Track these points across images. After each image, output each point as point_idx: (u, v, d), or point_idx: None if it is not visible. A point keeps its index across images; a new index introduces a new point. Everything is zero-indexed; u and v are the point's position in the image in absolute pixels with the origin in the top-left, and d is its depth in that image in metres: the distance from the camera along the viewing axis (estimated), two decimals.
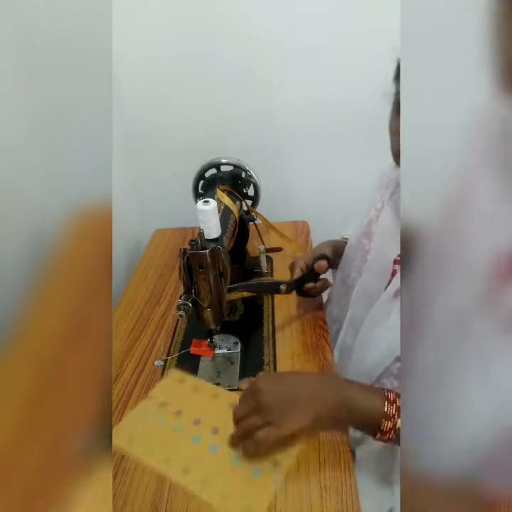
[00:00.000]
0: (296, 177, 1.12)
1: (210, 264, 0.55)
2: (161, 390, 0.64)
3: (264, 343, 0.72)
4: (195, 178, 0.85)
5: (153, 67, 0.94)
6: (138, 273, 0.95)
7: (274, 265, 0.93)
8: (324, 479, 0.51)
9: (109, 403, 0.44)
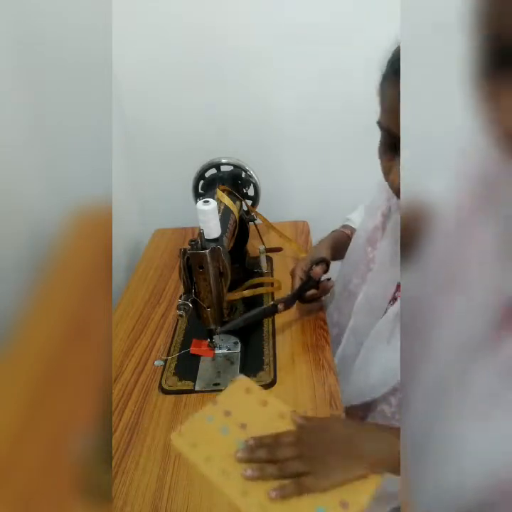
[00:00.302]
0: (296, 177, 1.12)
1: (210, 264, 0.55)
2: (228, 397, 0.62)
3: (264, 343, 0.72)
4: (195, 178, 0.85)
5: (153, 68, 0.94)
6: (138, 273, 0.95)
7: (274, 265, 0.93)
8: None
9: (109, 403, 0.44)
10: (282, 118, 1.02)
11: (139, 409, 0.63)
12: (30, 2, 0.53)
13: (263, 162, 0.87)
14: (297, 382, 0.65)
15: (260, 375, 0.66)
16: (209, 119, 1.01)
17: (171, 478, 0.53)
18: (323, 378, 0.65)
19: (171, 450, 0.56)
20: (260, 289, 0.82)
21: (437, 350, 0.31)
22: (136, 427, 0.60)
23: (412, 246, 0.31)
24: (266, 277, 0.88)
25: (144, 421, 0.61)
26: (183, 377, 0.67)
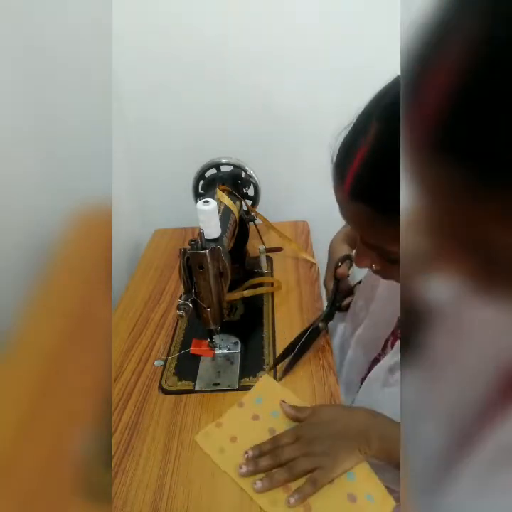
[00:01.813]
0: (296, 177, 1.12)
1: (210, 264, 0.55)
2: (253, 397, 0.62)
3: (264, 343, 0.72)
4: (195, 178, 0.85)
5: (153, 67, 0.94)
6: (138, 273, 0.95)
7: (274, 265, 0.93)
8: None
9: (109, 403, 0.44)
10: (282, 118, 1.01)
11: (139, 409, 0.63)
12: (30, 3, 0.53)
13: (263, 162, 0.87)
14: (297, 382, 0.65)
15: (260, 375, 0.66)
16: (209, 119, 1.01)
17: (170, 478, 0.53)
18: (323, 378, 0.65)
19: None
20: (260, 289, 0.82)
21: (431, 429, 0.29)
22: (136, 427, 0.60)
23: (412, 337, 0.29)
24: (266, 277, 0.88)
25: (144, 421, 0.61)
26: (183, 377, 0.67)
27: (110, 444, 0.56)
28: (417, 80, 0.21)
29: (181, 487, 0.52)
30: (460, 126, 0.19)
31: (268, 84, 0.97)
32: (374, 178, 0.33)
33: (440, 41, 0.20)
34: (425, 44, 0.20)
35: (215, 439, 0.57)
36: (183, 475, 0.54)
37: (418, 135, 0.21)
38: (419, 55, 0.20)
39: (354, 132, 0.37)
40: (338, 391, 0.63)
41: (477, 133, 0.19)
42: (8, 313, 0.43)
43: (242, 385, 0.65)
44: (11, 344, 0.40)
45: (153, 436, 0.59)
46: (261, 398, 0.62)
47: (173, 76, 0.95)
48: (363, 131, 0.34)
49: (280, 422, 0.58)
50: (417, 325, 0.27)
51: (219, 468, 0.54)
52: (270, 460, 0.51)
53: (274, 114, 1.01)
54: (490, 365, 0.27)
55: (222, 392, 0.64)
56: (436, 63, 0.20)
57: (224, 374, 0.67)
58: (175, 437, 0.58)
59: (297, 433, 0.54)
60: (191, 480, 0.53)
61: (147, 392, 0.65)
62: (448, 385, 0.28)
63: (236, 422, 0.59)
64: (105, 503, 0.38)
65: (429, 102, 0.20)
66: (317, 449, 0.51)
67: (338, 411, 0.57)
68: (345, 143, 0.38)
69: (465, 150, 0.19)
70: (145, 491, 0.52)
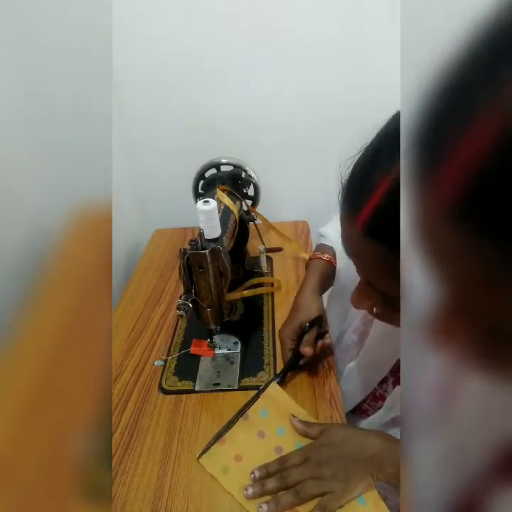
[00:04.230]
0: (296, 177, 1.11)
1: (210, 264, 0.55)
2: (259, 409, 0.60)
3: (264, 343, 0.72)
4: (195, 178, 0.85)
5: (153, 67, 0.94)
6: (138, 273, 0.95)
7: (274, 265, 0.93)
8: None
9: (109, 403, 0.44)
10: (283, 118, 1.01)
11: (139, 409, 0.63)
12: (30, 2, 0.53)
13: (263, 162, 0.87)
14: (297, 382, 0.65)
15: (260, 375, 0.66)
16: (209, 118, 1.01)
17: (170, 478, 0.53)
18: (323, 378, 0.65)
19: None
20: (260, 289, 0.82)
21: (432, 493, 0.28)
22: (136, 427, 0.60)
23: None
24: (266, 277, 0.88)
25: (144, 421, 0.61)
26: (183, 377, 0.67)
27: (110, 444, 0.56)
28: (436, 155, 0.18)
29: (181, 487, 0.52)
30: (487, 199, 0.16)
31: (269, 84, 0.97)
32: (397, 215, 0.27)
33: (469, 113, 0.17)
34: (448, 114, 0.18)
35: (219, 457, 0.55)
36: (183, 475, 0.54)
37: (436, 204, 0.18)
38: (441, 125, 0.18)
39: (374, 159, 0.31)
40: (338, 391, 0.63)
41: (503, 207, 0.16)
42: (8, 313, 0.43)
43: (242, 385, 0.65)
44: (11, 344, 0.40)
45: (153, 437, 0.59)
46: (266, 410, 0.59)
47: (173, 76, 0.95)
48: (386, 160, 0.28)
49: (287, 441, 0.55)
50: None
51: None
52: (277, 482, 0.49)
53: (274, 115, 1.01)
54: (484, 442, 0.26)
55: (222, 392, 0.64)
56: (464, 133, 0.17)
57: (224, 374, 0.67)
58: (175, 437, 0.58)
59: (306, 454, 0.51)
60: (191, 480, 0.53)
61: (147, 392, 0.65)
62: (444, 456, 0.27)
63: (241, 439, 0.56)
64: (105, 503, 0.38)
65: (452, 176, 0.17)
66: (326, 473, 0.48)
67: (351, 432, 0.53)
68: (361, 170, 0.33)
69: (490, 222, 0.17)
70: (145, 491, 0.52)
